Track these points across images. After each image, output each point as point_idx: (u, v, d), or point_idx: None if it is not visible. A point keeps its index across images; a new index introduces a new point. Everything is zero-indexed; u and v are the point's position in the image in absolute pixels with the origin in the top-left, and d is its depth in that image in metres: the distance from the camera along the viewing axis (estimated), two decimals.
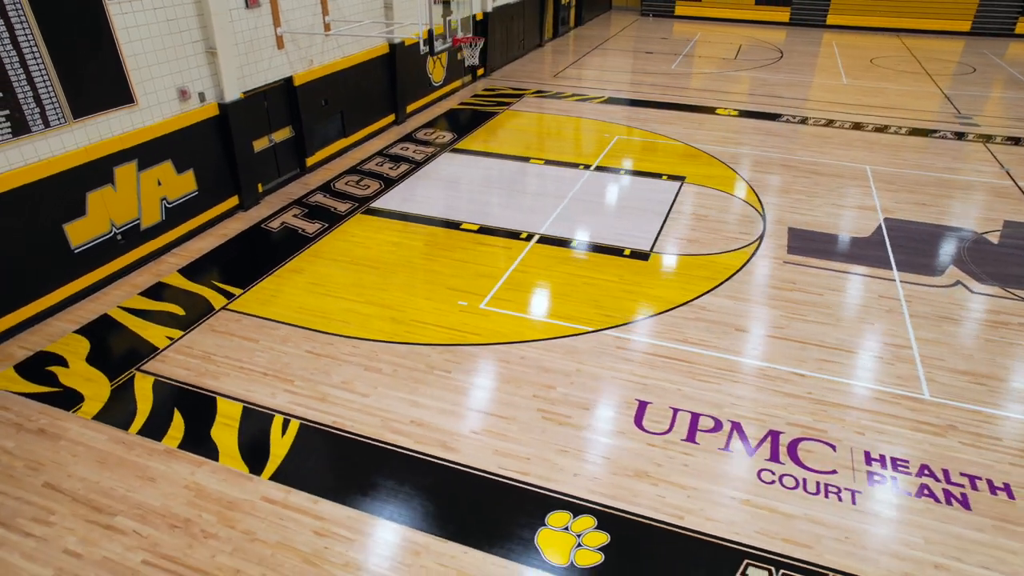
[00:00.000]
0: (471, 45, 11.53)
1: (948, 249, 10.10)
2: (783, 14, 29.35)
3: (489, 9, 19.42)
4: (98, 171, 8.72)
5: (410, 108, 16.35)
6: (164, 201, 9.80)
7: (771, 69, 21.48)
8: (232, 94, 10.46)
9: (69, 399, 7.03)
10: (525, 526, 5.61)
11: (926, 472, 6.15)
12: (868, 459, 6.29)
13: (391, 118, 15.64)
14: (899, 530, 5.57)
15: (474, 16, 11.60)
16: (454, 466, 6.22)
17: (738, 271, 9.48)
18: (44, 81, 7.92)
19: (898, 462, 6.26)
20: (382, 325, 8.27)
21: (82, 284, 8.73)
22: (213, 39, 9.94)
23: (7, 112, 7.62)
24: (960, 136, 15.13)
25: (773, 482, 6.04)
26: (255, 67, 11.12)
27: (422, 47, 10.72)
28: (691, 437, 6.55)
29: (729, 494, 5.92)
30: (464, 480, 6.07)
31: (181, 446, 6.45)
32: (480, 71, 20.15)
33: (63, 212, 8.37)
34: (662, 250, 10.07)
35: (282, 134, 12.29)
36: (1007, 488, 5.98)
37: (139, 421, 6.74)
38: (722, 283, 9.19)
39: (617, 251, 10.05)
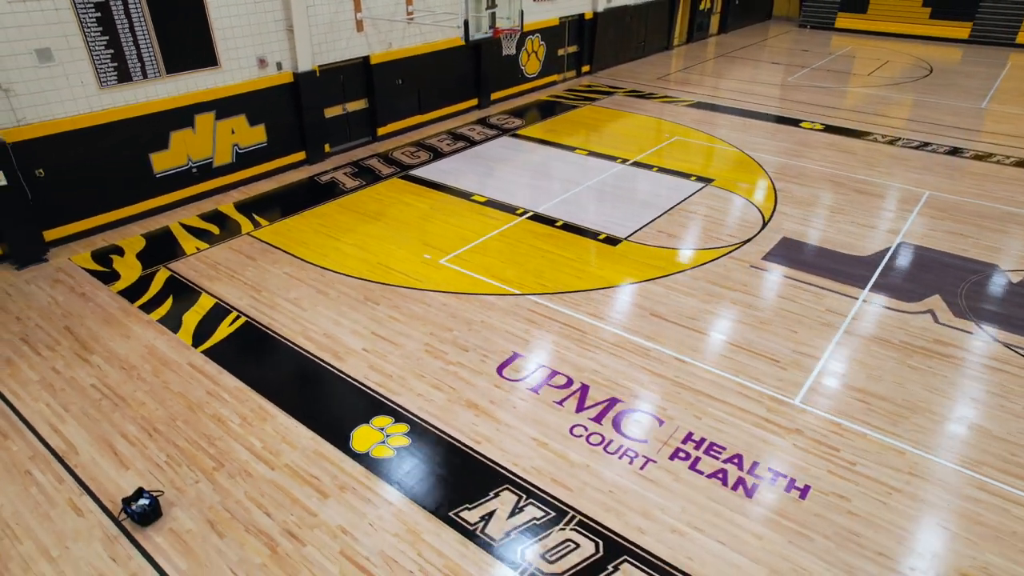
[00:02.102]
0: (508, 36, 12.57)
1: (944, 280, 9.30)
2: (962, 30, 26.25)
3: (599, 9, 20.17)
4: (181, 116, 11.21)
5: (496, 95, 17.75)
6: (236, 147, 12.18)
7: (901, 87, 19.71)
8: (305, 67, 12.60)
9: (111, 277, 9.43)
10: (353, 420, 6.77)
11: (734, 460, 6.29)
12: (687, 439, 6.54)
13: (473, 102, 17.16)
14: (665, 497, 5.89)
15: (522, 12, 12.57)
16: (333, 370, 7.53)
17: (696, 267, 9.63)
18: (146, 42, 10.46)
19: (714, 447, 6.44)
20: (352, 263, 9.78)
21: (158, 202, 11.30)
22: (292, 19, 12.10)
23: (116, 64, 10.24)
24: None
25: (580, 436, 6.57)
26: (333, 45, 13.20)
27: (461, 36, 12.06)
28: (536, 388, 7.22)
29: (532, 435, 6.57)
30: (334, 380, 7.36)
31: (160, 320, 8.47)
32: (586, 68, 20.97)
33: (150, 144, 10.95)
34: (636, 239, 10.45)
35: (356, 105, 14.32)
36: (805, 490, 5.96)
37: (144, 299, 8.90)
38: (671, 275, 9.44)
39: (593, 235, 10.62)
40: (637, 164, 13.61)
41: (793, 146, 14.64)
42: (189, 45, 10.98)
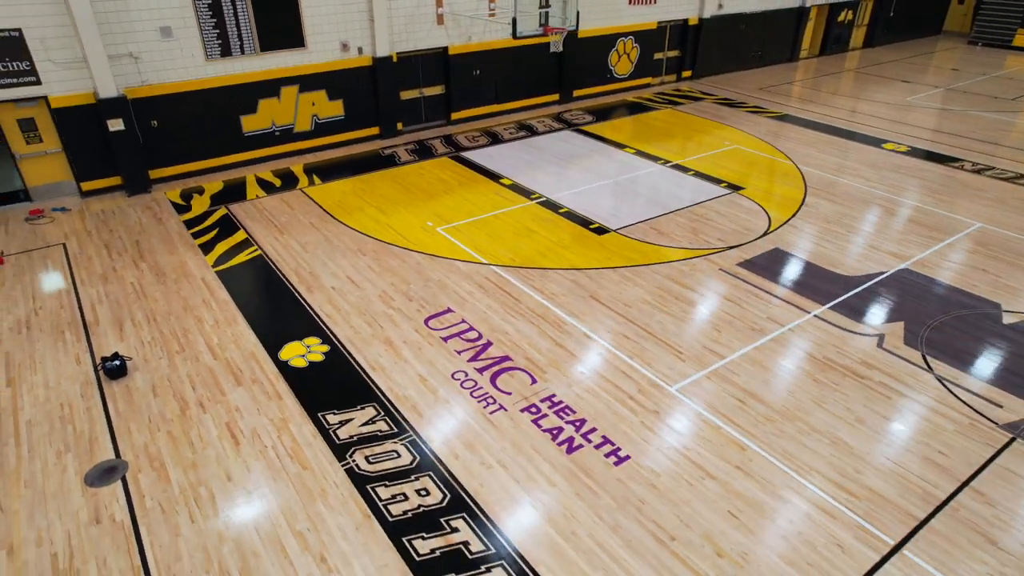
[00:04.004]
0: (556, 35, 13.36)
1: (921, 310, 8.74)
2: None
3: (705, 15, 20.02)
4: (270, 87, 13.48)
5: (579, 92, 18.49)
6: (315, 117, 14.29)
7: None
8: (383, 52, 14.38)
9: (184, 210, 11.83)
10: (290, 336, 8.24)
11: (576, 423, 6.84)
12: (548, 399, 7.18)
13: (554, 97, 18.07)
14: (494, 437, 6.64)
15: (578, 14, 13.30)
16: (300, 297, 9.08)
17: (664, 263, 9.91)
18: (246, 23, 12.77)
19: (566, 409, 7.02)
20: (365, 220, 11.32)
21: (243, 157, 13.70)
22: (373, 10, 13.92)
23: (220, 42, 12.66)
24: None
25: (458, 380, 7.47)
26: (413, 35, 14.86)
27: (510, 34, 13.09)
28: (447, 339, 8.20)
29: (419, 372, 7.58)
30: (295, 305, 8.90)
31: (200, 246, 10.59)
32: (686, 73, 20.90)
33: (242, 108, 13.32)
34: (624, 232, 10.88)
35: (433, 90, 15.92)
36: (624, 459, 6.38)
37: (197, 229, 11.12)
38: (635, 266, 9.84)
39: (587, 224, 11.21)
40: (677, 167, 13.78)
41: (854, 165, 13.86)
42: (281, 28, 13.18)
